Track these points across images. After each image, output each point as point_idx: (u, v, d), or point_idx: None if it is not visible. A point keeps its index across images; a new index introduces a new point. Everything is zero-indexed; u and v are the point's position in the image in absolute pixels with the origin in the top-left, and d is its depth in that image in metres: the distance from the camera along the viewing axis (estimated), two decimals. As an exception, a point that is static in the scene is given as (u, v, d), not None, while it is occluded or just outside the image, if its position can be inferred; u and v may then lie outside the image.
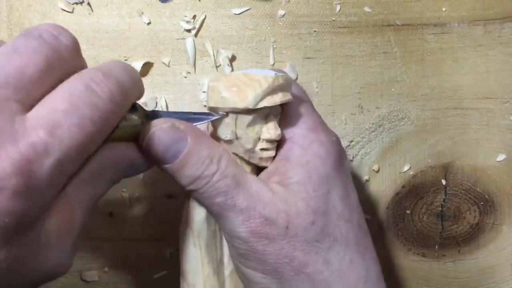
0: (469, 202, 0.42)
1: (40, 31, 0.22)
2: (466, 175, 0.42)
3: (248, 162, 0.29)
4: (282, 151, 0.29)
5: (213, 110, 0.29)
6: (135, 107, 0.26)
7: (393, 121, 0.41)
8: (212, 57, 0.40)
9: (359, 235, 0.29)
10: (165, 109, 0.40)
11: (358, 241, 0.29)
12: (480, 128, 0.41)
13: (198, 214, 0.30)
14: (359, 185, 0.41)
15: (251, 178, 0.28)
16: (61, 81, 0.22)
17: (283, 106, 0.30)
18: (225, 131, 0.28)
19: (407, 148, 0.41)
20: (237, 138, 0.28)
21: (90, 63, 0.40)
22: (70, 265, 0.25)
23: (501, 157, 0.41)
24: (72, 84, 0.22)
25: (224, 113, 0.28)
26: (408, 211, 0.41)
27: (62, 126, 0.21)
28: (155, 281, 0.40)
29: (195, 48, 0.40)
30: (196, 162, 0.27)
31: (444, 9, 0.41)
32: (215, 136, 0.29)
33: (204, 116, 0.28)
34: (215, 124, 0.29)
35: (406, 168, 0.41)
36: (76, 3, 0.40)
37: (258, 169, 0.30)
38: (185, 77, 0.40)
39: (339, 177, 0.29)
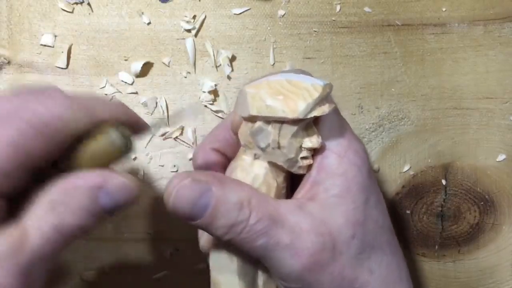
0: (469, 202, 0.42)
1: None
2: (466, 175, 0.42)
3: (283, 170, 0.28)
4: (318, 158, 0.28)
5: (254, 118, 0.27)
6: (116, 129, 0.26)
7: (393, 121, 0.41)
8: (212, 57, 0.40)
9: (390, 237, 0.29)
10: (165, 110, 0.40)
11: (389, 242, 0.29)
12: (480, 128, 0.41)
13: None
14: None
15: (285, 209, 0.27)
16: None
17: None
18: (265, 140, 0.27)
19: (407, 148, 0.41)
20: (279, 147, 0.27)
21: (90, 63, 0.40)
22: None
23: (501, 157, 0.41)
24: None
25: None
26: (408, 211, 0.41)
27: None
28: (155, 281, 0.40)
29: (195, 48, 0.40)
30: (227, 209, 0.25)
31: (444, 9, 0.41)
32: (244, 138, 0.28)
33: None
34: (254, 133, 0.27)
35: (406, 168, 0.41)
36: (76, 3, 0.40)
37: (291, 176, 0.29)
38: (185, 77, 0.40)
39: (372, 184, 0.29)
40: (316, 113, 0.26)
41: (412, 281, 0.42)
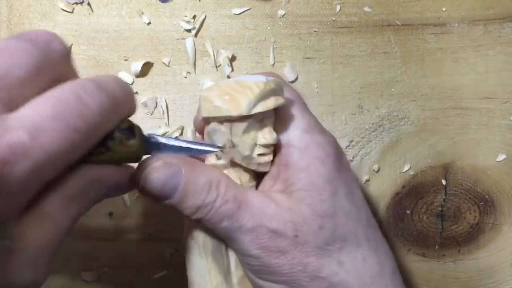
0: (469, 202, 0.42)
1: (32, 35, 0.22)
2: (466, 175, 0.42)
3: (247, 169, 0.29)
4: (281, 156, 0.29)
5: (207, 120, 0.29)
6: (133, 133, 0.26)
7: (393, 121, 0.41)
8: (212, 57, 0.40)
9: (368, 231, 0.29)
10: (165, 110, 0.40)
11: (368, 237, 0.29)
12: (480, 128, 0.41)
13: (200, 224, 0.30)
14: (359, 185, 0.41)
15: (252, 194, 0.28)
16: (50, 87, 0.22)
17: (276, 109, 0.30)
18: (221, 140, 0.28)
19: (407, 148, 0.41)
20: (233, 146, 0.28)
21: (90, 63, 0.40)
22: (42, 283, 0.24)
23: (501, 157, 0.41)
24: (61, 91, 0.22)
25: (223, 148, 0.28)
26: (408, 211, 0.41)
27: (45, 131, 0.20)
28: (155, 281, 0.40)
29: (195, 48, 0.40)
30: (195, 191, 0.27)
31: (444, 9, 0.41)
32: (207, 141, 0.29)
33: (204, 148, 0.28)
34: (210, 134, 0.29)
35: (406, 168, 0.41)
36: (76, 3, 0.40)
37: (257, 175, 0.30)
38: (185, 77, 0.40)
39: (341, 176, 0.29)
40: (260, 108, 0.27)
41: (412, 281, 0.42)
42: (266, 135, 0.28)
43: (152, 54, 0.40)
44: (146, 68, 0.40)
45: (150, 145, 0.27)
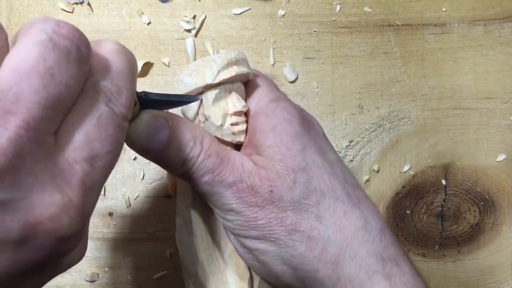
0: (469, 202, 0.42)
1: (66, 43, 0.20)
2: (466, 175, 0.42)
3: (223, 141, 0.30)
4: (250, 125, 0.30)
5: None
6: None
7: (393, 121, 0.41)
8: (212, 57, 0.40)
9: (347, 187, 0.30)
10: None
11: (348, 192, 0.29)
12: (480, 128, 0.41)
13: (185, 201, 0.31)
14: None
15: (233, 152, 0.29)
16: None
17: (246, 86, 0.31)
18: (193, 114, 0.30)
19: (407, 148, 0.41)
20: (206, 118, 0.29)
21: (90, 63, 0.40)
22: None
23: (501, 157, 0.41)
24: (98, 106, 0.21)
25: (201, 98, 0.29)
26: (408, 211, 0.41)
27: (101, 156, 0.21)
28: (155, 281, 0.40)
29: (195, 48, 0.40)
30: (181, 145, 0.27)
31: (444, 9, 0.41)
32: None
33: (191, 98, 0.29)
34: (184, 111, 0.30)
35: (406, 168, 0.41)
36: (76, 3, 0.40)
37: (234, 147, 0.31)
38: (185, 77, 0.40)
39: (309, 135, 0.30)
40: (223, 75, 0.29)
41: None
42: (235, 103, 0.29)
43: (152, 54, 0.40)
44: (146, 68, 0.40)
45: (141, 103, 0.27)
